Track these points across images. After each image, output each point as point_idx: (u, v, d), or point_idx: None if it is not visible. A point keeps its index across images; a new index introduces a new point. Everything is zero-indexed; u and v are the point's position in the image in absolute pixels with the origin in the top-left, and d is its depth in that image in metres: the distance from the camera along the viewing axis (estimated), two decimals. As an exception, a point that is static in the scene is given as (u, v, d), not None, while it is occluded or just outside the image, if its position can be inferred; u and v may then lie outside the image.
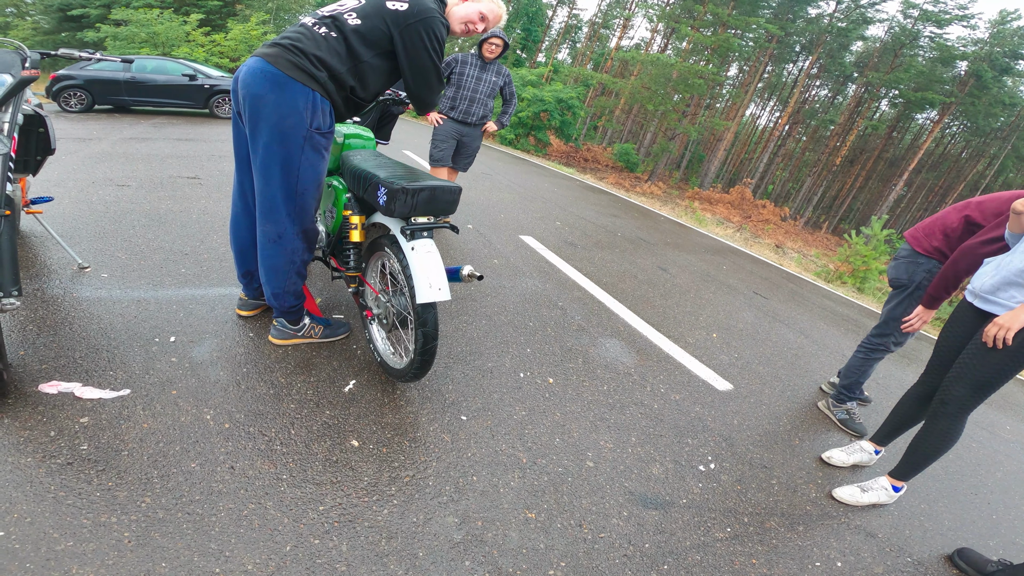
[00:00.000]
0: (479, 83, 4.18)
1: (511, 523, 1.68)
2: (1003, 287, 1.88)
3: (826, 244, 22.43)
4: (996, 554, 2.06)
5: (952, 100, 25.14)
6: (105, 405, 1.79)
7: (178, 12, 20.06)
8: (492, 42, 4.09)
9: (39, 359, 1.95)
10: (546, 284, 3.83)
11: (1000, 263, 1.94)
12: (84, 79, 9.91)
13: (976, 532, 2.23)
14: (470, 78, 4.18)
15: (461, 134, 4.37)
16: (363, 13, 1.88)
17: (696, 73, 22.00)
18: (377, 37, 1.88)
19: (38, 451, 1.57)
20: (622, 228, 6.65)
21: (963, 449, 2.87)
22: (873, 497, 2.18)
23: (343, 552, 1.46)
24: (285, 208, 1.99)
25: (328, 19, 1.89)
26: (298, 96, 1.83)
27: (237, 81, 1.90)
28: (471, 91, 4.19)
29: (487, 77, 4.19)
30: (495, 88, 4.26)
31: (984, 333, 1.85)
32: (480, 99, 4.22)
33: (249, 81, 1.83)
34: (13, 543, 1.30)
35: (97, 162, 5.04)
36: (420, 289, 1.84)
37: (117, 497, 1.47)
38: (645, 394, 2.64)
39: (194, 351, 2.18)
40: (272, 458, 1.72)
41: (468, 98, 4.21)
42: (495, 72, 4.22)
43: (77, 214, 3.42)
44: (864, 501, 2.18)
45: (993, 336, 1.81)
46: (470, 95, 4.20)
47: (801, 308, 5.08)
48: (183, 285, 2.69)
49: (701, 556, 1.73)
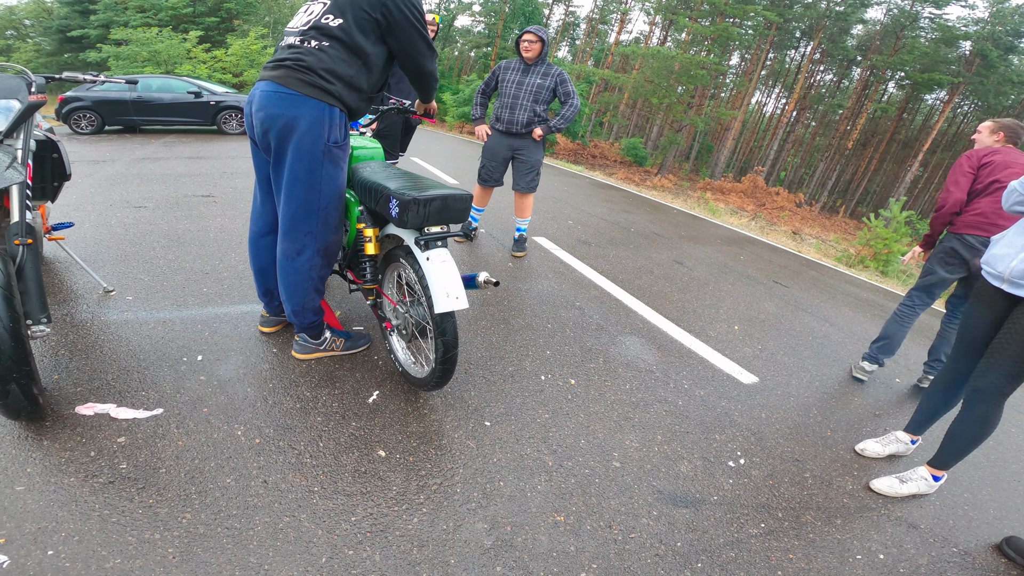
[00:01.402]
0: (520, 88, 3.88)
1: (540, 527, 1.68)
2: None
3: (845, 228, 22.09)
4: None
5: (960, 80, 24.72)
6: (140, 425, 1.83)
7: (176, 30, 20.38)
8: (525, 39, 3.82)
9: (73, 382, 2.00)
10: (562, 285, 3.83)
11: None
12: (92, 100, 10.08)
13: (1023, 520, 2.16)
14: (510, 83, 3.92)
15: (512, 148, 4.05)
16: (338, 9, 1.86)
17: (698, 64, 21.80)
18: (364, 25, 1.87)
19: (80, 471, 1.61)
20: (635, 223, 6.62)
21: (1003, 435, 2.79)
22: (913, 488, 2.13)
23: (376, 562, 1.47)
24: (308, 225, 2.01)
25: (310, 31, 1.87)
26: (314, 112, 1.85)
27: (251, 107, 1.93)
28: (511, 97, 3.91)
29: (530, 80, 3.86)
30: (540, 91, 3.86)
31: None
32: (522, 104, 3.88)
33: (265, 104, 1.86)
34: (64, 562, 1.34)
35: (112, 184, 5.14)
36: (437, 299, 1.85)
37: (159, 514, 1.51)
38: (669, 391, 2.63)
39: (221, 369, 2.21)
40: (303, 471, 1.74)
41: (508, 105, 3.93)
42: (541, 74, 3.85)
43: (98, 238, 3.49)
44: (904, 492, 2.13)
45: None
46: (510, 102, 3.92)
47: (824, 295, 5.01)
48: (206, 304, 2.73)
49: (735, 553, 1.71)
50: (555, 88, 3.89)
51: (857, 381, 3.14)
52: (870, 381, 3.17)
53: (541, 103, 3.92)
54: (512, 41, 32.44)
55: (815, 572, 1.69)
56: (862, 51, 29.24)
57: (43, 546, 1.37)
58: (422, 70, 2.08)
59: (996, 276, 1.92)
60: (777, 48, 31.91)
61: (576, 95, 3.92)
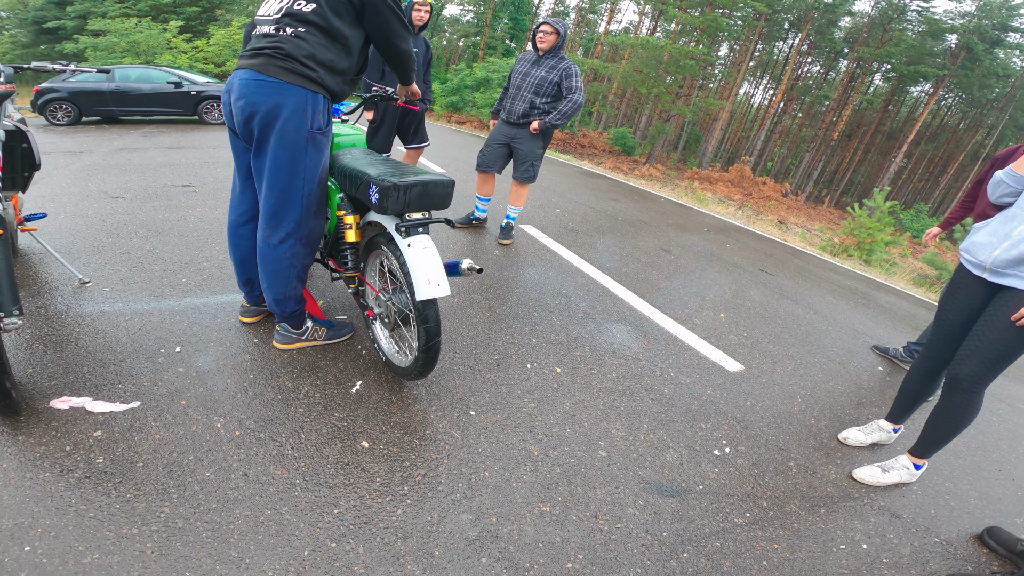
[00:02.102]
0: (524, 78, 3.86)
1: (526, 517, 1.67)
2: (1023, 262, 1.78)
3: (829, 218, 22.32)
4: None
5: (945, 73, 24.95)
6: (116, 418, 1.79)
7: (156, 20, 19.98)
8: (542, 29, 3.79)
9: (48, 376, 1.95)
10: (549, 272, 3.81)
11: (1011, 234, 1.80)
12: (68, 91, 9.86)
13: (1003, 510, 2.17)
14: (517, 74, 3.92)
15: (510, 136, 4.05)
16: None
17: (687, 54, 21.80)
18: (338, 7, 1.82)
19: (55, 466, 1.58)
20: (623, 212, 6.60)
21: (983, 424, 2.83)
22: (895, 477, 2.15)
23: (360, 555, 1.45)
24: (290, 212, 1.98)
25: (284, 19, 1.82)
26: (298, 99, 1.82)
27: (230, 95, 1.88)
28: (515, 87, 3.91)
29: (536, 72, 3.82)
30: (543, 83, 3.80)
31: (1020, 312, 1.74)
32: (522, 95, 3.86)
33: (245, 92, 1.81)
34: (40, 557, 1.31)
35: (89, 175, 5.01)
36: (419, 286, 1.83)
37: (136, 508, 1.48)
38: (655, 379, 2.62)
39: (200, 360, 2.16)
40: (284, 463, 1.71)
41: (512, 95, 3.94)
42: (548, 67, 3.79)
43: (74, 229, 3.40)
44: (886, 481, 2.14)
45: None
46: (512, 92, 3.93)
47: (809, 283, 5.05)
48: (185, 295, 2.68)
49: (721, 543, 1.72)
50: (559, 82, 3.80)
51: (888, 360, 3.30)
52: (853, 369, 3.20)
53: (542, 96, 3.85)
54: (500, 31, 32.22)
55: (800, 562, 1.70)
56: (849, 43, 29.40)
57: (19, 542, 1.34)
58: (395, 48, 2.01)
59: (977, 265, 1.92)
60: (765, 39, 31.94)
61: (581, 91, 3.79)
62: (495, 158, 4.19)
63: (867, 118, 33.24)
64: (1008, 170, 1.86)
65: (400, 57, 2.07)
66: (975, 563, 1.85)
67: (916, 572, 1.76)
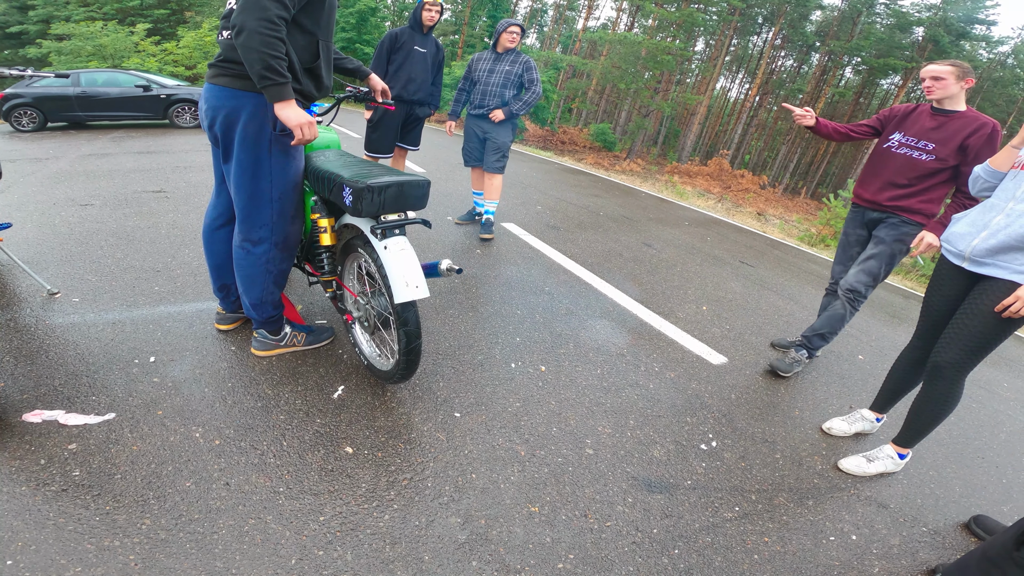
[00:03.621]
0: (491, 75, 4.07)
1: (515, 519, 1.65)
2: (1002, 251, 1.79)
3: (806, 209, 22.63)
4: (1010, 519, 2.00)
5: (914, 65, 25.49)
6: (92, 430, 1.75)
7: (123, 23, 19.52)
8: (511, 30, 4.00)
9: (19, 389, 1.89)
10: (531, 270, 3.79)
11: (989, 224, 1.84)
12: (32, 96, 9.56)
13: (988, 498, 2.20)
14: (483, 72, 4.11)
15: (484, 130, 4.23)
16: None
17: (664, 49, 21.93)
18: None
19: (31, 479, 1.54)
20: (604, 207, 6.62)
21: (964, 411, 2.88)
22: (880, 466, 2.17)
23: (348, 561, 1.42)
24: (262, 216, 1.96)
25: (223, 21, 1.81)
26: (252, 103, 1.80)
27: (201, 106, 1.90)
28: (484, 84, 4.10)
29: (501, 68, 4.05)
30: (510, 77, 4.05)
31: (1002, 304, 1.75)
32: (492, 91, 4.07)
33: (206, 104, 1.86)
34: (23, 571, 1.29)
35: (56, 182, 4.86)
36: (397, 288, 1.80)
37: (117, 520, 1.45)
38: (640, 375, 2.63)
39: (176, 370, 2.11)
40: (267, 471, 1.68)
41: (482, 91, 4.12)
42: (510, 61, 4.05)
43: (41, 238, 3.29)
44: (871, 471, 2.16)
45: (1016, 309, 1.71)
46: (482, 88, 4.11)
47: (788, 274, 5.11)
48: (158, 303, 2.61)
49: (712, 538, 1.72)
50: (522, 74, 4.06)
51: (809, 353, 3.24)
52: (835, 359, 3.24)
53: (510, 87, 4.08)
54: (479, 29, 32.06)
55: (791, 555, 1.71)
56: (821, 37, 29.89)
57: (0, 556, 1.31)
58: None
59: (957, 255, 1.95)
60: (740, 34, 32.34)
61: (539, 83, 4.09)
62: (477, 152, 4.35)
63: (840, 111, 33.80)
64: (985, 165, 1.93)
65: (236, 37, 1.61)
66: (964, 552, 1.87)
67: (906, 562, 1.78)
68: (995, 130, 2.30)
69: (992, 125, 2.29)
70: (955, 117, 2.39)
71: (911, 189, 2.52)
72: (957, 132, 2.36)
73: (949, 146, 2.38)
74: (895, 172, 2.55)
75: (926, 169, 2.46)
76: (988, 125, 2.30)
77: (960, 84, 2.34)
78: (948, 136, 2.38)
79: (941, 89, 2.37)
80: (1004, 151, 1.89)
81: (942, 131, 2.41)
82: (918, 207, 2.52)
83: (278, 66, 1.62)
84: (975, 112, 2.38)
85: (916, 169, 2.49)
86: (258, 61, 1.58)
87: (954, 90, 2.36)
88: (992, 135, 2.29)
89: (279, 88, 1.66)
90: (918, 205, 2.52)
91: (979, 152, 2.30)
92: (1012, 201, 1.80)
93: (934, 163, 2.43)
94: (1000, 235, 1.79)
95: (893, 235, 2.59)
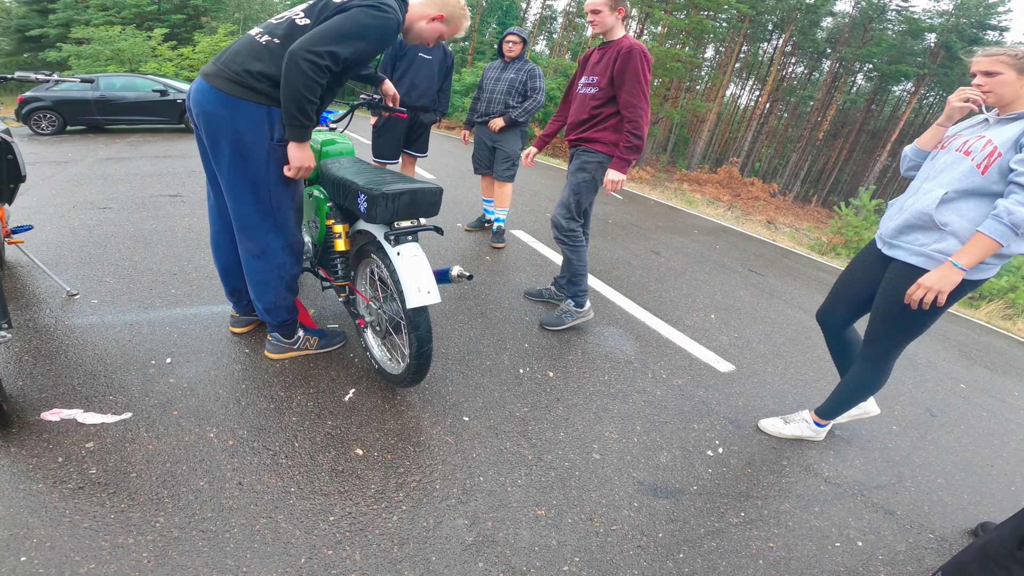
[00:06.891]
0: (496, 83, 4.08)
1: (521, 521, 1.67)
2: (905, 230, 1.80)
3: (817, 217, 22.55)
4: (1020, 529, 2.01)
5: (925, 72, 25.41)
6: (108, 429, 1.78)
7: (140, 28, 19.86)
8: (509, 40, 4.02)
9: (38, 388, 1.94)
10: (540, 277, 3.82)
11: (903, 204, 1.85)
12: (52, 100, 9.77)
13: (996, 505, 2.19)
14: (490, 80, 4.13)
15: (492, 138, 4.22)
16: (310, 11, 1.79)
17: (673, 56, 22.02)
18: None
19: (48, 477, 1.57)
20: (612, 215, 6.64)
21: (974, 420, 2.87)
22: (796, 430, 2.26)
23: (357, 561, 1.45)
24: (264, 225, 1.96)
25: (274, 25, 1.81)
26: (251, 113, 1.76)
27: (189, 100, 1.84)
28: (489, 92, 4.11)
29: (506, 76, 4.05)
30: (514, 85, 4.04)
31: (907, 294, 1.72)
32: (496, 98, 4.07)
33: (199, 100, 1.78)
34: (37, 568, 1.31)
35: (76, 185, 4.97)
36: (409, 294, 1.83)
37: (131, 518, 1.48)
38: (647, 381, 2.64)
39: (191, 371, 2.16)
40: (279, 472, 1.71)
41: (487, 99, 4.12)
42: (516, 69, 4.05)
43: (60, 240, 3.37)
44: (786, 433, 2.26)
45: (919, 299, 1.68)
46: (487, 96, 4.12)
47: (798, 283, 5.10)
48: (174, 305, 2.66)
49: (717, 543, 1.73)
50: (526, 81, 4.05)
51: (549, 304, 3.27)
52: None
53: (514, 95, 4.07)
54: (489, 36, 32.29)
55: (796, 560, 1.72)
56: (831, 43, 29.85)
57: (15, 552, 1.34)
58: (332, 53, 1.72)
59: (877, 235, 1.99)
60: (750, 41, 32.35)
61: (543, 91, 4.09)
62: (486, 161, 4.36)
63: (851, 117, 33.67)
64: (912, 145, 1.96)
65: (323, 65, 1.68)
66: (965, 556, 1.87)
67: (912, 568, 1.77)
68: (632, 49, 2.44)
69: (630, 45, 2.46)
70: (611, 46, 2.55)
71: (590, 123, 2.68)
72: (610, 61, 2.52)
73: (606, 76, 2.53)
74: (577, 110, 2.74)
75: (594, 101, 2.63)
76: (627, 46, 2.46)
77: (614, 15, 2.51)
78: (605, 67, 2.54)
79: (600, 23, 2.54)
80: (930, 130, 1.90)
81: (601, 64, 2.57)
82: (595, 136, 2.68)
83: (311, 111, 1.71)
84: (629, 38, 2.53)
85: (588, 103, 2.66)
86: (294, 101, 1.67)
87: (610, 22, 2.52)
88: (629, 54, 2.44)
89: (304, 131, 1.75)
90: (595, 135, 2.68)
91: (619, 72, 2.48)
92: (926, 180, 1.81)
93: (599, 94, 2.59)
94: (905, 213, 1.81)
95: (575, 165, 2.78)
